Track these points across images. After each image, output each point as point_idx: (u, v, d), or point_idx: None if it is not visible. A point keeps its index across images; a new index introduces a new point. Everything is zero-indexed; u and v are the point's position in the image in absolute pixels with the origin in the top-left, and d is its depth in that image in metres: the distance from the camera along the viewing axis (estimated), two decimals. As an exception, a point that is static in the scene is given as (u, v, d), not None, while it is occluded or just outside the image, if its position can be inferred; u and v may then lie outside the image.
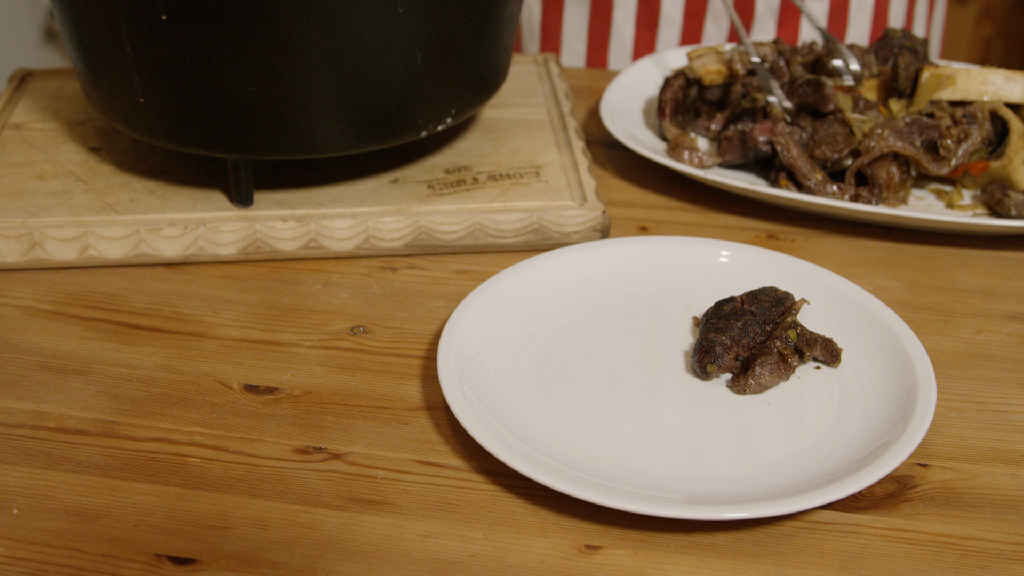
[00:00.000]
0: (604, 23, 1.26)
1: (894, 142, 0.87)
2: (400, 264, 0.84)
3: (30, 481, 0.64)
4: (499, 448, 0.63)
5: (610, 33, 1.26)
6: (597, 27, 1.26)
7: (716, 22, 1.24)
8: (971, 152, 0.89)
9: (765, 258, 0.80)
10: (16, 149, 0.92)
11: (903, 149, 0.87)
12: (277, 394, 0.71)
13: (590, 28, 1.26)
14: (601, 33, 1.26)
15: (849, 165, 0.89)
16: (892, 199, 0.88)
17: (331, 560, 0.60)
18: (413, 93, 0.81)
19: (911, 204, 0.90)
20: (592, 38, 1.27)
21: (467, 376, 0.69)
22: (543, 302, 0.78)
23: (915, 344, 0.71)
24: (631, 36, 1.25)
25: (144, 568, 0.59)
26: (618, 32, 1.26)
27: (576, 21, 1.26)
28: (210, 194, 0.86)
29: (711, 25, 1.24)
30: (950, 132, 0.88)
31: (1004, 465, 0.67)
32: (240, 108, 0.78)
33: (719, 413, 0.69)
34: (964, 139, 0.88)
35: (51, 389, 0.71)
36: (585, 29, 1.26)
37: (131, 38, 0.76)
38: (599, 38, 1.27)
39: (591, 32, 1.27)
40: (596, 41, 1.27)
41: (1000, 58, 2.34)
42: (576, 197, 0.86)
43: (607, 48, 1.27)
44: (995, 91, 0.92)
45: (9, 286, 0.81)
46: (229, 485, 0.64)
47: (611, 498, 0.60)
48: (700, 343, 0.72)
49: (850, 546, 0.61)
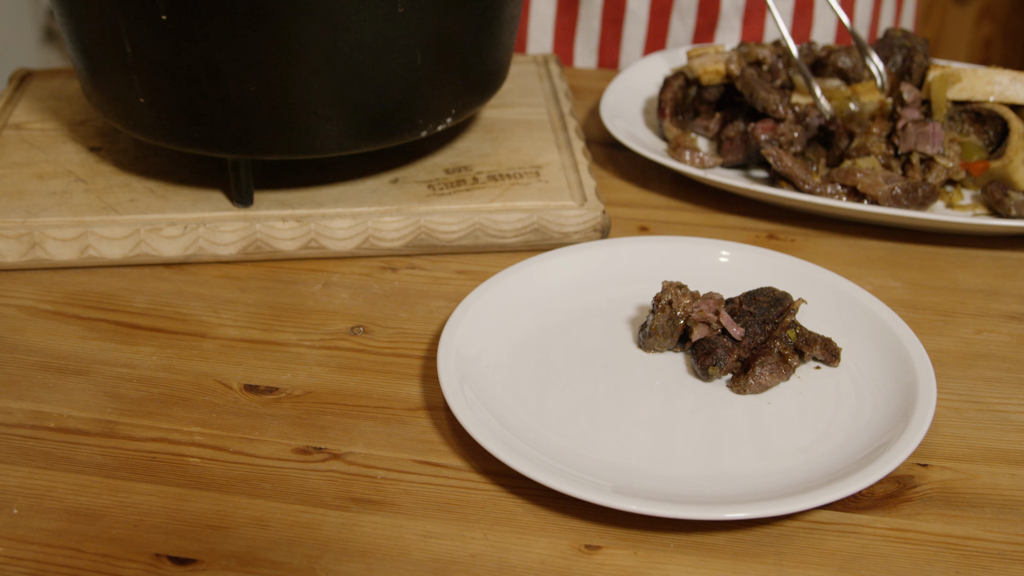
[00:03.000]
0: (570, 18, 1.26)
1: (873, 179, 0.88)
2: (400, 264, 0.84)
3: (30, 481, 0.64)
4: (499, 448, 0.63)
5: (576, 28, 1.26)
6: (563, 22, 1.26)
7: (682, 18, 1.24)
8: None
9: (765, 258, 0.80)
10: (16, 149, 0.92)
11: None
12: (277, 394, 0.71)
13: (556, 23, 1.26)
14: (567, 28, 1.26)
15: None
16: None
17: (331, 560, 0.60)
18: (413, 93, 0.81)
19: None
20: (558, 33, 1.27)
21: (467, 376, 0.70)
22: (543, 302, 0.78)
23: (915, 344, 0.71)
24: (597, 32, 1.25)
25: (144, 568, 0.59)
26: (584, 27, 1.26)
27: (543, 16, 1.27)
28: (210, 194, 0.86)
29: (677, 21, 1.24)
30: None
31: (1004, 465, 0.67)
32: (240, 108, 0.78)
33: (719, 413, 0.69)
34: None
35: (51, 389, 0.71)
36: (552, 24, 1.27)
37: (131, 38, 0.76)
38: (565, 33, 1.27)
39: (557, 27, 1.27)
40: (562, 36, 1.27)
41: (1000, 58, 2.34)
42: (576, 197, 0.86)
43: (573, 43, 1.27)
44: (1001, 91, 0.92)
45: (9, 286, 0.81)
46: (229, 485, 0.64)
47: (611, 498, 0.60)
48: (702, 344, 0.72)
49: (850, 546, 0.61)
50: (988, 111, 0.91)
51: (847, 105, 0.93)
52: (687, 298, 0.73)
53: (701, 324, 0.72)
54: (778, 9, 1.24)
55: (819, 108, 0.91)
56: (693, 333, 0.72)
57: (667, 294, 0.73)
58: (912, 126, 0.89)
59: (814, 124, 0.91)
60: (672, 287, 0.73)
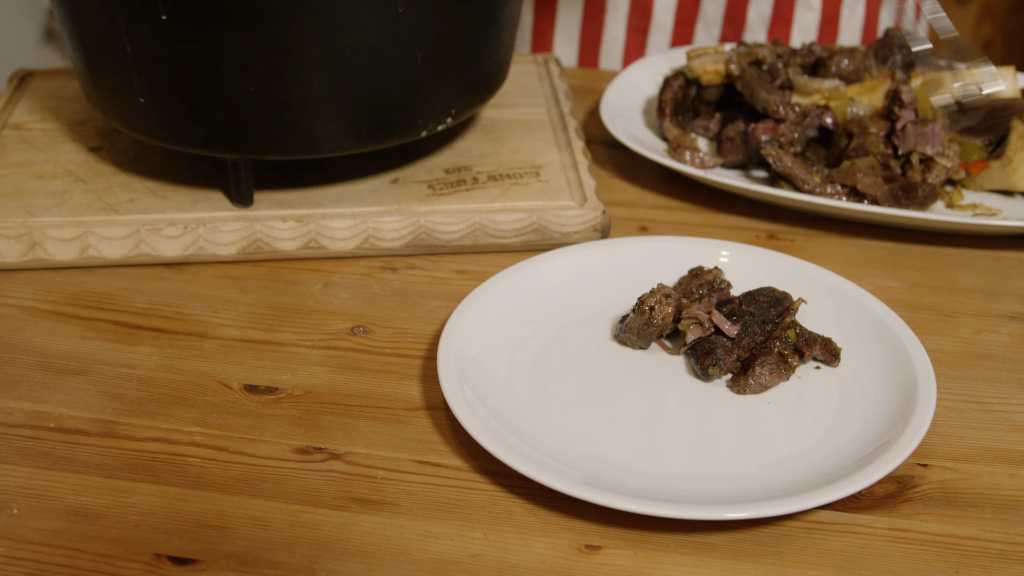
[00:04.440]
0: (596, 27, 1.26)
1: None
2: (400, 264, 0.84)
3: (30, 481, 0.64)
4: (499, 448, 0.63)
5: (602, 37, 1.26)
6: (589, 31, 1.26)
7: (707, 28, 1.25)
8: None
9: (765, 258, 0.80)
10: (16, 149, 0.92)
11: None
12: (277, 394, 0.71)
13: (582, 32, 1.27)
14: (593, 37, 1.26)
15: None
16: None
17: (331, 560, 0.60)
18: (413, 93, 0.81)
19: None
20: (584, 42, 1.27)
21: (467, 376, 0.70)
22: (543, 302, 0.78)
23: (915, 344, 0.71)
24: (622, 41, 1.25)
25: (144, 568, 0.59)
26: (609, 36, 1.26)
27: (568, 25, 1.27)
28: (210, 194, 0.86)
29: (702, 31, 1.25)
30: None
31: (1004, 465, 0.67)
32: (240, 108, 0.78)
33: (719, 413, 0.69)
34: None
35: (51, 389, 0.71)
36: (577, 33, 1.27)
37: (131, 38, 0.76)
38: (591, 42, 1.27)
39: (583, 36, 1.27)
40: (588, 45, 1.27)
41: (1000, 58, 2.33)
42: (576, 197, 0.86)
43: (598, 52, 1.27)
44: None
45: (9, 286, 0.81)
46: (229, 485, 0.64)
47: (611, 498, 0.60)
48: (701, 344, 0.72)
49: (850, 546, 0.61)
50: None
51: (847, 106, 0.93)
52: (670, 307, 0.73)
53: (694, 324, 0.72)
54: (803, 22, 1.24)
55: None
56: (687, 335, 0.72)
57: (652, 298, 0.73)
58: (911, 127, 0.89)
59: (813, 124, 0.91)
60: (659, 293, 0.73)
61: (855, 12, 1.26)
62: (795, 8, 1.24)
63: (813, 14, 1.25)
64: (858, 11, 1.26)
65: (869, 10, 1.27)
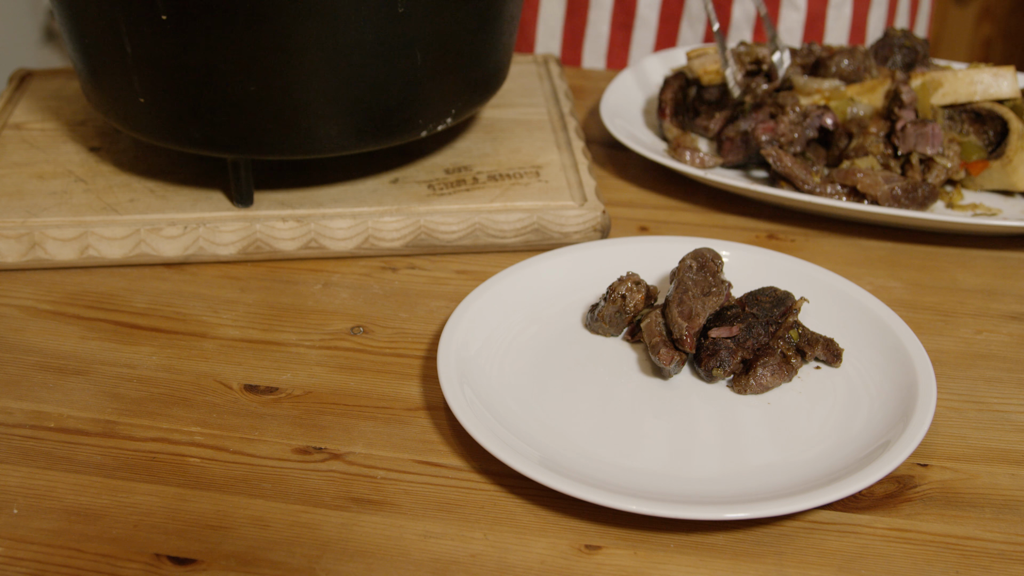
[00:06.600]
0: (579, 22, 1.26)
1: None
2: (400, 264, 0.84)
3: (30, 481, 0.64)
4: (499, 448, 0.63)
5: (585, 33, 1.26)
6: (572, 26, 1.26)
7: (691, 25, 1.24)
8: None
9: (765, 258, 0.80)
10: (16, 149, 0.92)
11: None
12: (277, 394, 0.71)
13: (565, 27, 1.26)
14: (576, 32, 1.26)
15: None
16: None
17: (331, 560, 0.60)
18: (413, 93, 0.81)
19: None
20: (567, 37, 1.27)
21: (467, 376, 0.70)
22: (543, 302, 0.78)
23: (915, 344, 0.71)
24: (606, 36, 1.25)
25: (144, 568, 0.59)
26: (593, 32, 1.25)
27: (551, 20, 1.26)
28: (210, 194, 0.86)
29: (686, 28, 1.25)
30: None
31: (1004, 465, 0.67)
32: (240, 108, 0.78)
33: (720, 413, 0.69)
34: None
35: (51, 389, 0.71)
36: (560, 28, 1.26)
37: (131, 38, 0.76)
38: (574, 37, 1.27)
39: (566, 31, 1.27)
40: (571, 40, 1.27)
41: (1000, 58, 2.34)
42: (576, 197, 0.86)
43: (582, 48, 1.27)
44: (984, 89, 0.92)
45: (9, 286, 0.81)
46: (229, 485, 0.64)
47: (611, 498, 0.60)
48: (706, 347, 0.72)
49: (850, 546, 0.61)
50: (987, 111, 0.91)
51: (847, 106, 0.93)
52: (640, 294, 0.73)
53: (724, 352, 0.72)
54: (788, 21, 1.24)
55: (732, 81, 0.92)
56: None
57: (623, 286, 0.73)
58: (911, 127, 0.89)
59: (813, 124, 0.91)
60: (629, 281, 0.74)
61: (842, 13, 1.26)
62: (780, 7, 1.24)
63: (798, 14, 1.25)
64: (845, 12, 1.26)
65: (856, 11, 1.27)
